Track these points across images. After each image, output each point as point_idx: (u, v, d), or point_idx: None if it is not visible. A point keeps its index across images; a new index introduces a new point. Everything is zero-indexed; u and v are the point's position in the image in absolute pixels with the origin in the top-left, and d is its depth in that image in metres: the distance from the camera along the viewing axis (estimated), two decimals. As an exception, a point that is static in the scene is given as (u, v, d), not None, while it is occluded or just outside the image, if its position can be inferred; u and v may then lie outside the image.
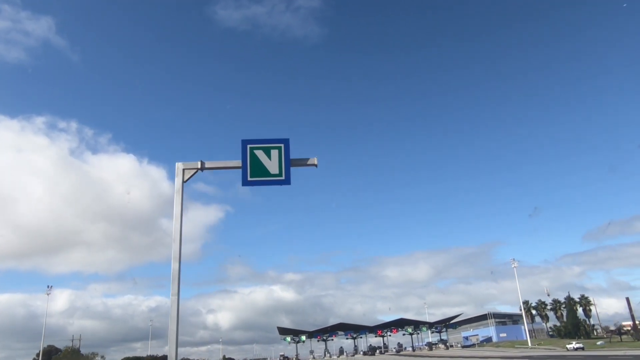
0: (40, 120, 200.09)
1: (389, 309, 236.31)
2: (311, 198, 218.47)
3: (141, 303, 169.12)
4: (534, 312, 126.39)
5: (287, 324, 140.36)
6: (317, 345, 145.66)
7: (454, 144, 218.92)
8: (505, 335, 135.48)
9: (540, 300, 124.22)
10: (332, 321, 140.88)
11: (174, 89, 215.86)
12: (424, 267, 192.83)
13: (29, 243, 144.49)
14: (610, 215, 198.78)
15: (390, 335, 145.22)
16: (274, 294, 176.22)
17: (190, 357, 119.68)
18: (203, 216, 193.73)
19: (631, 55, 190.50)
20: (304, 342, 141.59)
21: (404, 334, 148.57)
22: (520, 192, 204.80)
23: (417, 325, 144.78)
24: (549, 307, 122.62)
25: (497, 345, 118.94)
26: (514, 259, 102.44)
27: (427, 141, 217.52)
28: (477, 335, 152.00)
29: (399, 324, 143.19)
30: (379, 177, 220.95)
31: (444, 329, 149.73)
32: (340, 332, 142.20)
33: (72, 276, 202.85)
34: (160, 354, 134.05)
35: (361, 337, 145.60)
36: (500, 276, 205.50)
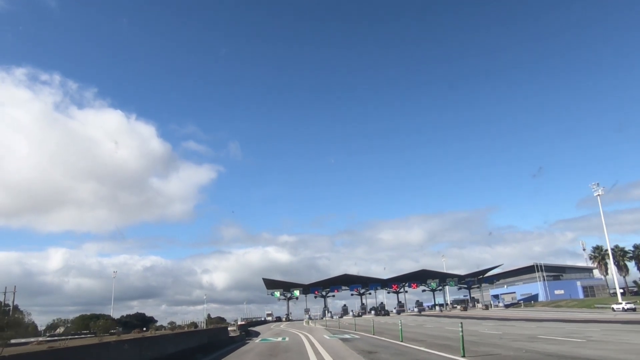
0: (20, 72, 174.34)
1: (384, 268, 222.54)
2: (305, 159, 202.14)
3: (137, 262, 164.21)
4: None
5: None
6: (314, 304, 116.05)
7: (451, 108, 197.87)
8: (562, 292, 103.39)
9: (617, 247, 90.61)
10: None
11: (160, 40, 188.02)
12: (418, 231, 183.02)
13: (17, 201, 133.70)
14: (605, 182, 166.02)
15: (407, 292, 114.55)
16: (268, 255, 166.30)
17: (186, 316, 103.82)
18: (195, 176, 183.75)
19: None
20: (297, 298, 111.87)
21: (424, 290, 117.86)
22: (515, 158, 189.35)
23: (443, 278, 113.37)
24: (629, 254, 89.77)
25: (555, 304, 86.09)
26: (599, 186, 68.33)
27: (424, 105, 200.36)
28: (513, 293, 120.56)
29: (419, 277, 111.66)
30: (373, 140, 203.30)
31: (477, 284, 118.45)
32: (344, 287, 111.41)
33: (65, 235, 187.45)
34: (132, 312, 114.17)
35: (370, 294, 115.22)
36: (494, 241, 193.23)
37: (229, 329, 28.55)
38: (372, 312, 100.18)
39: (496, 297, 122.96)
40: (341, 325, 41.84)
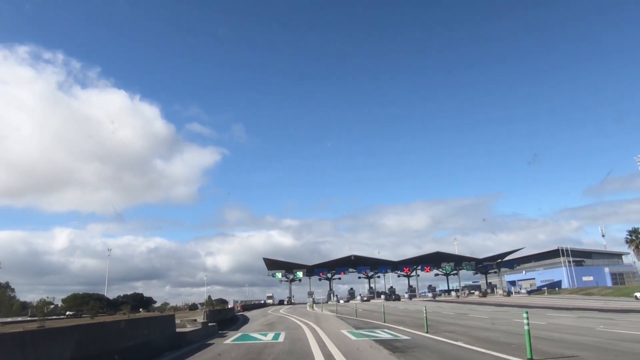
0: (23, 50, 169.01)
1: (378, 252, 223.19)
2: (309, 144, 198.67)
3: (141, 244, 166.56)
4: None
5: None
6: (318, 287, 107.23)
7: (456, 94, 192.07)
8: (590, 279, 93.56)
9: (659, 228, 79.78)
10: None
11: (164, 19, 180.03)
12: (422, 217, 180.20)
13: (21, 180, 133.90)
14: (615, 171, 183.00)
15: (418, 276, 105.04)
16: (272, 239, 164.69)
17: (190, 298, 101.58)
18: (199, 158, 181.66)
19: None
20: (300, 280, 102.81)
21: (437, 274, 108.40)
22: (521, 145, 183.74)
23: (458, 262, 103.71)
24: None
25: (586, 292, 76.23)
26: None
27: (429, 90, 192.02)
28: (532, 279, 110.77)
29: (433, 260, 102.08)
30: (378, 126, 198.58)
31: (495, 269, 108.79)
32: (351, 270, 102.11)
33: (70, 215, 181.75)
34: (129, 293, 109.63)
35: (379, 277, 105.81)
36: (498, 228, 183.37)
37: (189, 318, 18.02)
38: (382, 296, 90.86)
39: (512, 283, 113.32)
40: (360, 314, 31.82)
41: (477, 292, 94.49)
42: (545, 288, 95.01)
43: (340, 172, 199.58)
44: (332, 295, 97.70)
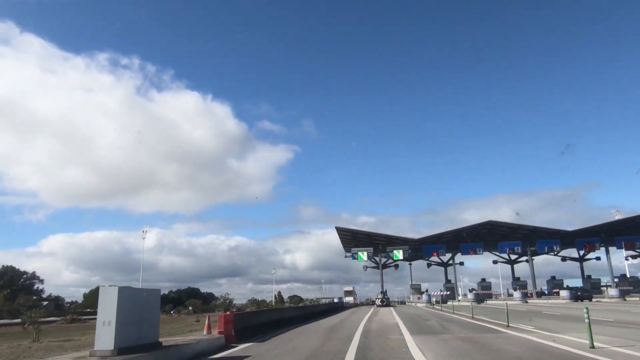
0: (103, 57, 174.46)
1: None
2: (379, 140, 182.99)
3: (222, 242, 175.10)
4: None
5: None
6: (423, 274, 68.29)
7: (543, 80, 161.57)
8: None
9: None
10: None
11: (229, 18, 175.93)
12: (506, 211, 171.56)
13: (111, 183, 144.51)
14: None
15: (599, 258, 61.06)
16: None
17: (270, 295, 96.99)
18: (272, 156, 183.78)
19: None
20: (396, 266, 64.59)
21: (632, 257, 63.64)
22: (621, 126, 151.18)
23: (689, 231, 57.94)
24: None
25: None
26: None
27: (513, 80, 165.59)
28: None
29: (635, 228, 58.01)
30: (454, 116, 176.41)
31: None
32: (478, 250, 61.30)
33: (155, 216, 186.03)
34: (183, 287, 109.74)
35: (526, 261, 63.01)
36: (595, 222, 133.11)
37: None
38: (565, 292, 48.71)
39: None
40: None
41: None
42: None
43: (416, 166, 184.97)
44: (455, 289, 57.84)
